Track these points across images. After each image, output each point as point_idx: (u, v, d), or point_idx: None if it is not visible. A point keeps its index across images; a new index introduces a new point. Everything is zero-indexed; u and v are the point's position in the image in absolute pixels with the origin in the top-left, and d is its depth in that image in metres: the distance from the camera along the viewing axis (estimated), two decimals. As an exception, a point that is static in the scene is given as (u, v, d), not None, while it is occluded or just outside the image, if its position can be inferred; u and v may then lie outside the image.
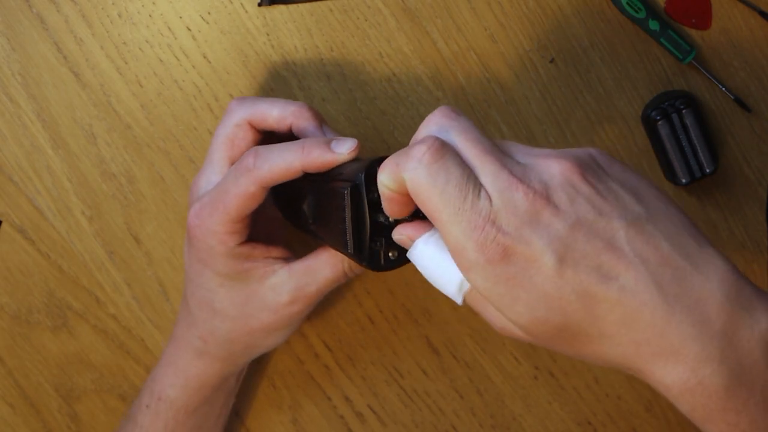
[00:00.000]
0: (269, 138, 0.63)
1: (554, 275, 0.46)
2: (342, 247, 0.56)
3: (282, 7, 0.71)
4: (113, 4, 0.71)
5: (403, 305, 0.75)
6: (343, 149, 0.57)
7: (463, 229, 0.47)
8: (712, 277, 0.46)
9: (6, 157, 0.72)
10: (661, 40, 0.71)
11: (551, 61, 0.72)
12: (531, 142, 0.73)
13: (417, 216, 0.53)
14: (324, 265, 0.61)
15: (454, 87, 0.72)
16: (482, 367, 0.76)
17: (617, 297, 0.46)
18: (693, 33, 0.72)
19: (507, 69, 0.72)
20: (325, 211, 0.58)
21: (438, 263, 0.51)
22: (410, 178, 0.48)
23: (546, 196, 0.46)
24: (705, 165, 0.71)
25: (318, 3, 0.71)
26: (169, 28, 0.71)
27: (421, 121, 0.51)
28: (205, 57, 0.71)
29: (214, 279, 0.62)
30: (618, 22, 0.72)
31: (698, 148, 0.71)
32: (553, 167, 0.47)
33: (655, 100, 0.72)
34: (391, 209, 0.52)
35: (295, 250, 0.64)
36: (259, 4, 0.71)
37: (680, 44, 0.71)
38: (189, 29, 0.71)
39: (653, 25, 0.71)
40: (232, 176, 0.59)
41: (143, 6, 0.71)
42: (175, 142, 0.72)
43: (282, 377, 0.76)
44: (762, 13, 0.72)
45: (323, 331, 0.75)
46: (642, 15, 0.71)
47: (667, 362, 0.46)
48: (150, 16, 0.71)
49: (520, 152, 0.49)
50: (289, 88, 0.72)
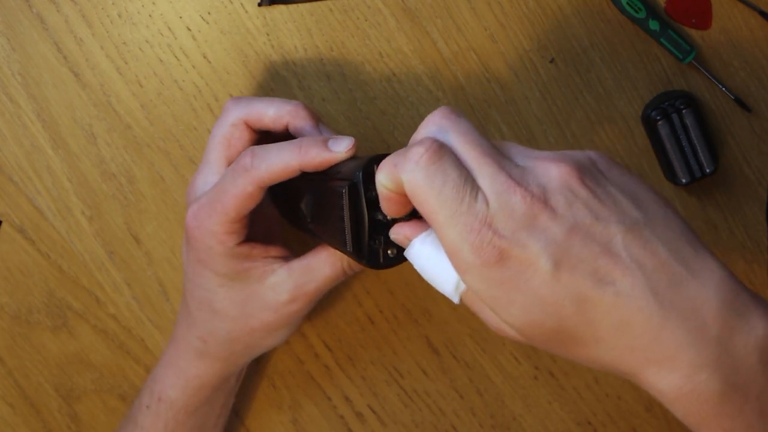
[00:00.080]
0: (266, 138, 0.63)
1: (550, 279, 0.46)
2: (341, 246, 0.56)
3: (282, 7, 0.71)
4: (113, 4, 0.71)
5: (403, 305, 0.75)
6: (341, 148, 0.57)
7: (460, 231, 0.47)
8: (708, 284, 0.46)
9: (6, 157, 0.72)
10: (661, 40, 0.71)
11: (551, 61, 0.72)
12: (531, 142, 0.73)
13: (415, 215, 0.53)
14: (323, 264, 0.61)
15: (454, 87, 0.72)
16: (482, 367, 0.76)
17: (613, 302, 0.46)
18: (693, 33, 0.72)
19: (507, 69, 0.72)
20: (323, 210, 0.58)
21: (435, 263, 0.51)
22: (407, 179, 0.48)
23: (543, 200, 0.46)
24: (705, 165, 0.71)
25: (318, 3, 0.71)
26: (169, 28, 0.71)
27: (421, 121, 0.51)
28: (205, 57, 0.71)
29: (214, 279, 0.62)
30: (618, 22, 0.72)
31: (698, 148, 0.71)
32: (552, 171, 0.47)
33: (655, 100, 0.72)
34: (388, 208, 0.52)
35: (292, 249, 0.64)
36: (259, 4, 0.71)
37: (680, 44, 0.71)
38: (189, 29, 0.71)
39: (653, 25, 0.71)
40: (229, 176, 0.59)
41: (143, 6, 0.71)
42: (175, 142, 0.72)
43: (282, 377, 0.76)
44: (762, 13, 0.72)
45: (323, 331, 0.75)
46: (642, 15, 0.71)
47: (661, 368, 0.46)
48: (150, 16, 0.71)
49: (519, 154, 0.49)
50: (289, 88, 0.72)
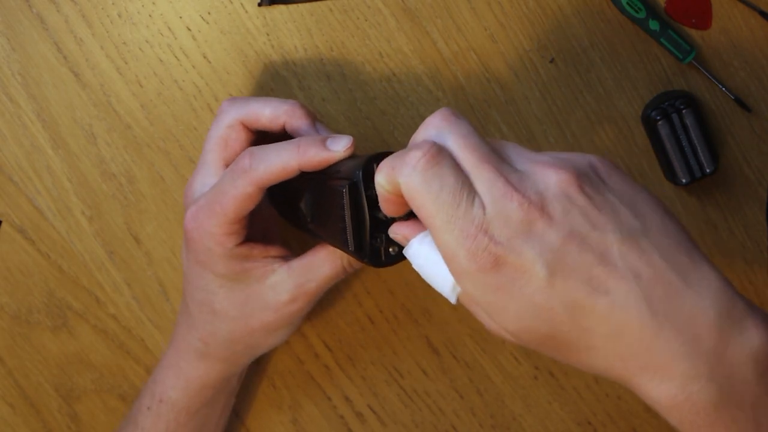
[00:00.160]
0: (263, 138, 0.63)
1: (544, 286, 0.46)
2: (342, 245, 0.56)
3: (282, 7, 0.71)
4: (113, 4, 0.71)
5: (403, 305, 0.75)
6: (339, 147, 0.57)
7: (456, 236, 0.47)
8: (704, 294, 0.46)
9: (6, 157, 0.72)
10: (661, 40, 0.71)
11: (551, 61, 0.72)
12: (531, 142, 0.73)
13: (413, 214, 0.53)
14: (323, 262, 0.61)
15: (454, 87, 0.72)
16: (482, 367, 0.76)
17: (607, 311, 0.46)
18: (693, 33, 0.72)
19: (507, 69, 0.72)
20: (323, 210, 0.58)
21: (433, 263, 0.51)
22: (405, 183, 0.48)
23: (541, 207, 0.46)
24: (705, 165, 0.71)
25: (318, 3, 0.71)
26: (169, 28, 0.71)
27: (421, 122, 0.51)
28: (205, 57, 0.71)
29: (214, 281, 0.62)
30: (618, 22, 0.72)
31: (698, 148, 0.71)
32: (551, 177, 0.47)
33: (655, 100, 0.72)
34: (387, 209, 0.52)
35: (292, 248, 0.64)
36: (259, 4, 0.71)
37: (680, 44, 0.71)
38: (189, 29, 0.71)
39: (653, 25, 0.71)
40: (228, 178, 0.59)
41: (143, 6, 0.71)
42: (175, 142, 0.72)
43: (282, 377, 0.75)
44: (762, 13, 0.72)
45: (323, 331, 0.75)
46: (642, 15, 0.71)
47: (654, 377, 0.46)
48: (150, 16, 0.71)
49: (519, 157, 0.49)
50: (289, 88, 0.72)
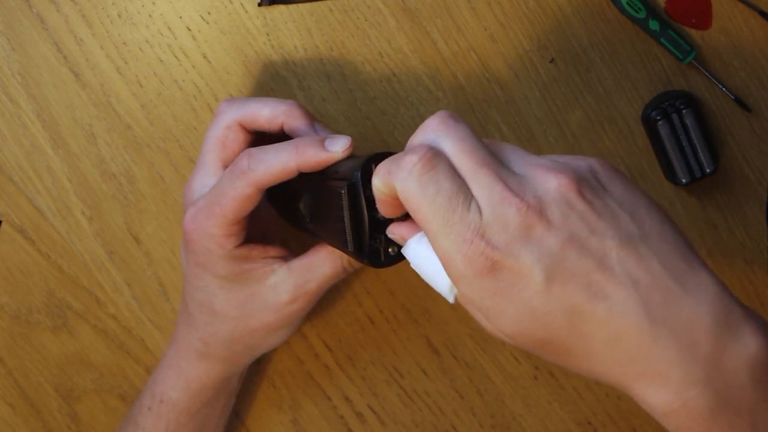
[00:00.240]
0: (261, 139, 0.63)
1: (542, 291, 0.46)
2: (341, 246, 0.56)
3: (282, 7, 0.71)
4: (113, 4, 0.71)
5: (403, 305, 0.75)
6: (338, 147, 0.56)
7: (452, 241, 0.47)
8: (701, 300, 0.46)
9: (6, 157, 0.72)
10: (661, 40, 0.71)
11: (551, 61, 0.72)
12: (531, 142, 0.73)
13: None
14: (323, 262, 0.61)
15: (454, 87, 0.72)
16: (482, 367, 0.76)
17: (604, 317, 0.45)
18: (693, 33, 0.72)
19: (507, 69, 0.72)
20: (322, 210, 0.58)
21: (430, 263, 0.50)
22: (400, 187, 0.48)
23: (539, 211, 0.46)
24: (705, 165, 0.71)
25: (318, 3, 0.71)
26: (169, 28, 0.71)
27: (421, 122, 0.51)
28: (205, 57, 0.71)
29: (214, 282, 0.62)
30: (618, 22, 0.72)
31: (698, 148, 0.71)
32: (550, 181, 0.47)
33: (655, 100, 0.72)
34: (384, 210, 0.52)
35: (291, 248, 0.64)
36: (259, 4, 0.71)
37: (680, 44, 0.71)
38: (189, 29, 0.71)
39: (653, 25, 0.71)
40: (227, 179, 0.59)
41: (143, 6, 0.71)
42: (175, 142, 0.72)
43: (282, 377, 0.75)
44: (762, 13, 0.72)
45: (323, 331, 0.75)
46: (642, 15, 0.70)
47: (651, 383, 0.46)
48: (150, 16, 0.71)
49: (518, 159, 0.49)
50: (289, 88, 0.72)
